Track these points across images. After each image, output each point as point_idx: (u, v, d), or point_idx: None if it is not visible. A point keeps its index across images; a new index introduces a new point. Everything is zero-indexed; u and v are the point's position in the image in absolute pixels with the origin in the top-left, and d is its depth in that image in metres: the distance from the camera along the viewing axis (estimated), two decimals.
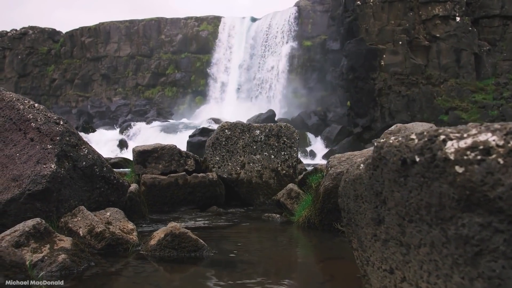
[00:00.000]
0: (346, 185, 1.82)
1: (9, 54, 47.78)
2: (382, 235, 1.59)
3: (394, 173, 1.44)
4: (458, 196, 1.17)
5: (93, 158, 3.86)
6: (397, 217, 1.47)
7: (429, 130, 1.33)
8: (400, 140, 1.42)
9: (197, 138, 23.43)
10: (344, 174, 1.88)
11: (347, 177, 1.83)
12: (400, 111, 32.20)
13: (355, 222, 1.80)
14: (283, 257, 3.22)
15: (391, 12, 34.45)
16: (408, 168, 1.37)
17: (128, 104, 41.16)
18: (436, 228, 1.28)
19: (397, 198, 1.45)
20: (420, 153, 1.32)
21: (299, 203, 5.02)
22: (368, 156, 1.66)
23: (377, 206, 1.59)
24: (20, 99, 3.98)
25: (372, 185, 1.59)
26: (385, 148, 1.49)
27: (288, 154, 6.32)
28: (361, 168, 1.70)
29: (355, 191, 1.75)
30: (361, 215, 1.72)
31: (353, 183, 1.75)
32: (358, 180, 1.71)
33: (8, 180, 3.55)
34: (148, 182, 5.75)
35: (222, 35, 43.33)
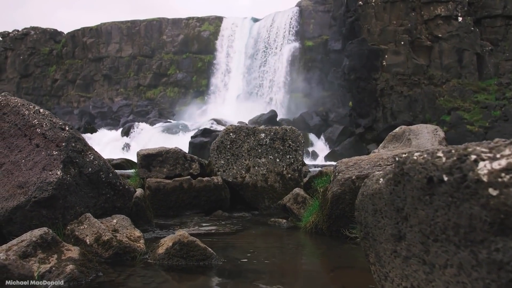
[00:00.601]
0: (364, 199, 1.78)
1: (11, 55, 47.79)
2: (403, 252, 1.55)
3: (418, 191, 1.40)
4: (491, 219, 1.13)
5: (99, 164, 3.82)
6: (421, 235, 1.43)
7: (458, 148, 1.29)
8: (426, 157, 1.38)
9: (199, 139, 23.41)
10: (362, 187, 1.84)
11: (365, 190, 1.78)
12: (402, 112, 32.14)
13: (373, 237, 1.76)
14: (292, 266, 3.18)
15: (393, 12, 34.38)
16: (435, 187, 1.33)
17: (130, 105, 41.17)
18: (465, 250, 1.23)
19: (421, 216, 1.41)
20: (448, 172, 1.28)
21: (305, 208, 4.98)
22: (388, 171, 1.62)
23: (398, 222, 1.55)
24: (25, 104, 3.94)
25: (393, 201, 1.55)
26: (408, 164, 1.45)
27: (293, 157, 6.28)
28: (380, 183, 1.65)
29: (373, 206, 1.71)
30: (380, 230, 1.68)
31: (372, 197, 1.71)
32: (377, 194, 1.67)
33: (13, 187, 3.51)
34: (153, 186, 5.72)
35: (223, 36, 43.28)
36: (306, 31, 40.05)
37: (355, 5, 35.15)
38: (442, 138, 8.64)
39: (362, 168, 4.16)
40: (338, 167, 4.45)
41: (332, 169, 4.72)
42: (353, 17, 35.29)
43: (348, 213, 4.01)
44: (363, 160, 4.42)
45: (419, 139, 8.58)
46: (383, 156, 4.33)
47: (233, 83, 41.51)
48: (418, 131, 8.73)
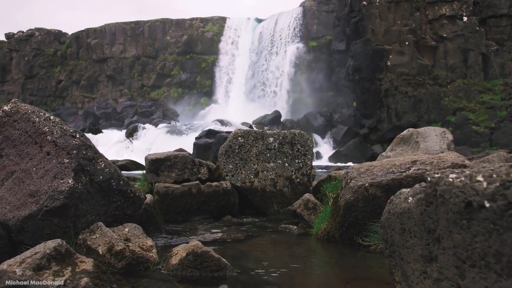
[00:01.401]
0: (391, 217, 1.74)
1: (16, 56, 47.93)
2: (434, 274, 1.51)
3: (454, 214, 1.36)
4: None
5: (110, 172, 3.79)
6: (455, 259, 1.39)
7: (499, 172, 1.25)
8: (464, 181, 1.33)
9: (203, 140, 23.36)
10: (388, 205, 1.79)
11: (392, 208, 1.74)
12: (407, 112, 32.03)
13: (400, 256, 1.72)
14: (308, 277, 3.14)
15: (397, 12, 34.28)
16: (474, 212, 1.29)
17: (134, 106, 41.21)
18: (508, 280, 1.19)
19: (456, 240, 1.37)
20: (491, 198, 1.24)
21: (316, 214, 4.93)
22: (418, 190, 1.58)
23: (429, 243, 1.51)
24: (36, 111, 3.91)
25: (424, 222, 1.51)
26: (442, 186, 1.41)
27: (302, 162, 6.23)
28: (409, 202, 1.61)
29: (401, 225, 1.67)
30: (408, 249, 1.64)
31: (400, 216, 1.67)
32: (406, 214, 1.62)
33: (25, 196, 3.48)
34: (161, 191, 5.68)
35: (227, 36, 43.26)
36: (310, 31, 39.97)
37: (359, 5, 35.06)
38: (451, 141, 8.58)
39: (375, 175, 4.11)
40: (350, 173, 4.40)
41: (343, 175, 4.67)
42: (357, 17, 35.20)
43: (361, 220, 3.97)
44: (375, 166, 4.37)
45: (427, 142, 8.52)
46: (396, 162, 4.28)
47: (237, 84, 41.49)
48: (426, 134, 8.67)
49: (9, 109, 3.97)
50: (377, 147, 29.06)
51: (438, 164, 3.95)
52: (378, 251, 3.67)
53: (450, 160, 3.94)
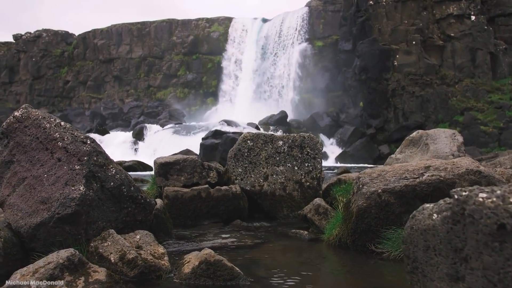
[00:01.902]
0: (414, 233, 1.70)
1: (24, 57, 48.18)
2: None
3: (485, 236, 1.32)
4: None
5: (120, 178, 3.77)
6: (485, 281, 1.35)
7: None
8: (496, 202, 1.30)
9: (210, 140, 23.34)
10: (410, 220, 1.76)
11: (415, 224, 1.70)
12: (414, 112, 31.88)
13: (422, 273, 1.68)
14: (320, 285, 3.11)
15: (404, 12, 34.12)
16: (508, 235, 1.25)
17: (141, 106, 41.31)
18: None
19: (486, 262, 1.33)
20: None
21: (327, 219, 4.90)
22: (443, 207, 1.54)
23: (456, 262, 1.47)
24: (46, 117, 3.90)
25: (450, 240, 1.47)
26: (472, 206, 1.37)
27: (312, 165, 6.19)
28: (434, 219, 1.57)
29: (425, 242, 1.63)
30: (432, 267, 1.61)
31: (424, 233, 1.63)
32: (431, 231, 1.59)
33: (36, 203, 3.47)
34: (170, 195, 5.66)
35: (233, 36, 43.24)
36: (316, 31, 39.89)
37: (365, 4, 34.93)
38: (461, 143, 8.50)
39: (388, 181, 4.06)
40: (361, 178, 4.36)
41: (354, 180, 4.62)
42: (364, 17, 35.08)
43: (374, 227, 3.93)
44: (387, 172, 4.32)
45: (436, 144, 8.45)
46: (408, 167, 4.23)
47: (243, 84, 41.48)
48: (435, 136, 8.59)
49: (20, 115, 3.96)
50: (384, 147, 28.94)
51: (452, 170, 3.90)
52: (392, 259, 3.63)
53: (464, 166, 3.89)
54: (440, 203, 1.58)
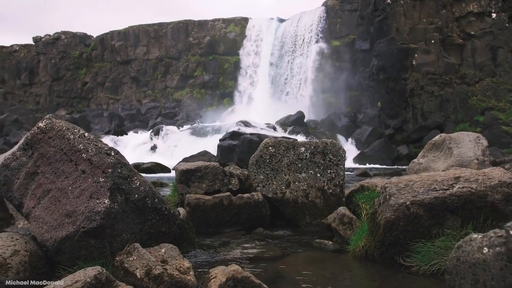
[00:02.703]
0: (461, 265, 1.62)
1: (43, 59, 48.84)
2: None
3: None
4: None
5: (145, 190, 3.74)
6: None
7: None
8: None
9: (227, 142, 23.35)
10: (456, 250, 1.67)
11: (461, 256, 1.62)
12: (433, 112, 31.47)
13: None
14: None
15: (422, 10, 33.70)
16: None
17: (158, 107, 41.54)
18: None
19: None
20: None
21: (352, 229, 4.81)
22: (496, 241, 1.46)
23: None
24: (70, 128, 3.88)
25: (504, 278, 1.39)
26: None
27: (335, 172, 6.10)
28: (485, 253, 1.49)
29: (474, 275, 1.55)
30: None
31: (473, 266, 1.55)
32: (481, 265, 1.50)
33: (61, 216, 3.45)
34: (192, 203, 5.63)
35: (249, 37, 43.21)
36: (333, 30, 39.63)
37: (383, 3, 34.59)
38: (485, 146, 8.32)
39: (416, 192, 3.96)
40: (388, 189, 4.26)
41: (381, 190, 4.52)
42: (381, 16, 34.74)
43: (402, 240, 3.83)
44: (415, 182, 4.22)
45: (460, 148, 8.27)
46: (437, 178, 4.12)
47: (260, 84, 41.43)
48: (459, 139, 8.41)
49: (44, 126, 3.95)
50: (402, 148, 28.58)
51: (483, 182, 3.79)
52: (421, 273, 3.54)
53: (496, 178, 3.78)
54: (490, 236, 1.49)
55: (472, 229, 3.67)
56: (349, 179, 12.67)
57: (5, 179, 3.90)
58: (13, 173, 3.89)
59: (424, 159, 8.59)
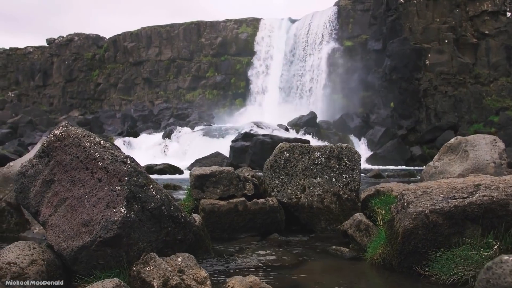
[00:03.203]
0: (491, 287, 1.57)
1: (57, 60, 49.28)
2: None
3: None
4: None
5: (161, 199, 3.72)
6: None
7: None
8: None
9: (240, 143, 23.33)
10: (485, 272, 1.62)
11: (492, 279, 1.57)
12: (447, 112, 31.17)
13: None
14: None
15: (436, 10, 33.40)
16: None
17: (170, 108, 41.66)
18: None
19: None
20: None
21: (369, 236, 4.75)
22: None
23: None
24: (86, 136, 3.88)
25: None
26: None
27: (350, 177, 6.04)
28: None
29: None
30: None
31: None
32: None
33: (78, 225, 3.45)
34: (207, 208, 5.61)
35: (261, 37, 43.16)
36: (345, 31, 39.41)
37: (396, 3, 34.34)
38: (502, 149, 8.19)
39: (435, 200, 3.90)
40: (406, 196, 4.20)
41: (398, 197, 4.47)
42: (394, 16, 34.47)
43: (421, 249, 3.77)
44: (433, 189, 4.15)
45: (476, 151, 8.15)
46: (456, 185, 4.05)
47: (272, 85, 41.35)
48: (475, 142, 8.29)
49: (60, 133, 3.95)
50: (416, 149, 28.32)
51: (505, 190, 3.71)
52: (441, 283, 3.47)
53: None
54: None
55: (493, 238, 3.61)
56: (362, 181, 12.57)
57: (22, 186, 3.92)
58: (30, 181, 3.91)
59: (440, 162, 8.48)
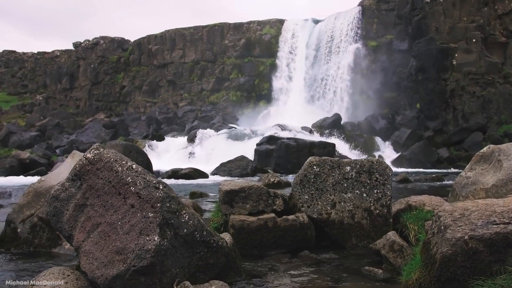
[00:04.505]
0: None
1: (83, 64, 50.13)
2: None
3: None
4: None
5: (193, 224, 3.69)
6: None
7: None
8: None
9: (264, 146, 23.29)
10: None
11: None
12: (475, 113, 30.54)
13: None
14: None
15: (463, 8, 32.75)
16: None
17: (194, 110, 41.90)
18: None
19: None
20: None
21: (403, 257, 4.64)
22: None
23: None
24: (118, 159, 3.88)
25: None
26: None
27: (381, 192, 5.93)
28: None
29: None
30: None
31: None
32: None
33: (112, 253, 3.45)
34: (237, 225, 5.58)
35: (285, 38, 43.03)
36: (370, 31, 38.98)
37: (421, 2, 33.81)
38: None
39: (474, 225, 3.76)
40: (442, 218, 4.07)
41: (433, 219, 4.34)
42: (420, 15, 33.95)
43: (460, 276, 3.65)
44: (471, 212, 4.01)
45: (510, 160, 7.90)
46: (496, 208, 3.91)
47: (296, 86, 41.20)
48: (509, 151, 8.03)
49: (92, 157, 3.96)
50: (443, 151, 27.79)
51: None
52: None
53: None
54: None
55: None
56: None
57: (55, 210, 3.94)
58: (63, 204, 3.92)
59: (472, 172, 8.25)
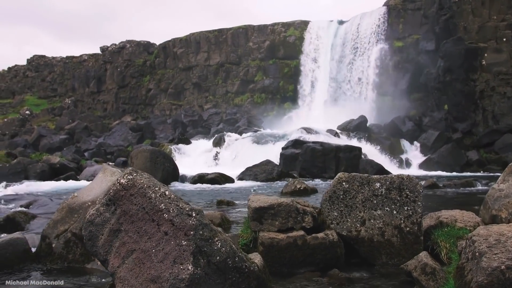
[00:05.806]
0: None
1: (110, 67, 50.97)
2: None
3: None
4: None
5: (226, 252, 3.73)
6: None
7: None
8: None
9: (290, 150, 23.26)
10: None
11: None
12: (506, 114, 29.81)
13: None
14: None
15: (492, 7, 32.02)
16: None
17: (219, 113, 42.13)
18: None
19: None
20: None
21: (435, 280, 4.58)
22: None
23: None
24: (151, 186, 3.94)
25: None
26: None
27: (412, 209, 5.86)
28: None
29: None
30: None
31: None
32: None
33: (146, 281, 3.51)
34: (266, 242, 5.60)
35: (309, 40, 42.86)
36: (395, 31, 38.45)
37: (449, 1, 33.21)
38: None
39: (510, 253, 3.69)
40: (477, 244, 4.01)
41: (466, 242, 4.27)
42: (448, 15, 33.35)
43: None
44: (508, 238, 3.94)
45: None
46: None
47: (320, 88, 40.99)
48: None
49: (125, 182, 4.03)
50: (472, 153, 27.25)
51: None
52: None
53: None
54: None
55: None
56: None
57: (90, 234, 4.02)
58: (98, 229, 4.01)
59: (505, 184, 8.08)
